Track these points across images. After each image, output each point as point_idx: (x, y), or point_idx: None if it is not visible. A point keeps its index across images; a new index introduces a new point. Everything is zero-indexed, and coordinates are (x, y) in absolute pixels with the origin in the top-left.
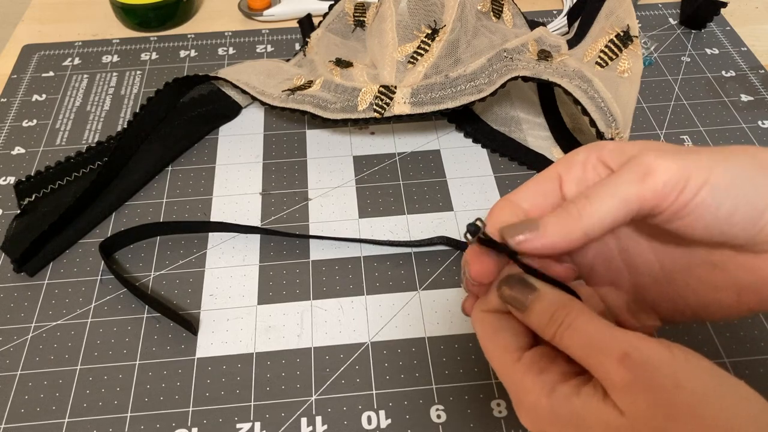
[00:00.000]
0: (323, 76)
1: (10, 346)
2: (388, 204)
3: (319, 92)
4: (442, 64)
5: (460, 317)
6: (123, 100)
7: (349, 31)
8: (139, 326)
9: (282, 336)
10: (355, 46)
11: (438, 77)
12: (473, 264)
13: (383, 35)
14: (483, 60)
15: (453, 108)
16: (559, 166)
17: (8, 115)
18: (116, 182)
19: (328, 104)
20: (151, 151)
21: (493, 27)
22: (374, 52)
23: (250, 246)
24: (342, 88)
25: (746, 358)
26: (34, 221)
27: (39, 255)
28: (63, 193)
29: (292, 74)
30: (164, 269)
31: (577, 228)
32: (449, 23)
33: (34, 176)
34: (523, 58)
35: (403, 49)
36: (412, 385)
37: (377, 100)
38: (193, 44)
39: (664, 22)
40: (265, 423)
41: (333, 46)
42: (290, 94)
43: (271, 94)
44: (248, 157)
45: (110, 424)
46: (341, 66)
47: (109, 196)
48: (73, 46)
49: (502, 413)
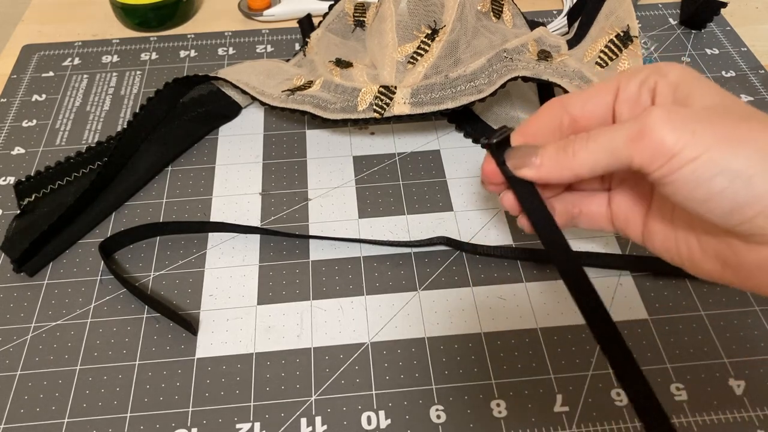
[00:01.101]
0: (323, 77)
1: (9, 347)
2: (388, 204)
3: (318, 92)
4: (441, 64)
5: (460, 317)
6: (123, 100)
7: (349, 31)
8: (138, 326)
9: (282, 336)
10: (355, 47)
11: (438, 77)
12: (485, 164)
13: (383, 35)
14: (483, 60)
15: (453, 108)
16: (622, 78)
17: (8, 115)
18: (116, 183)
19: (328, 104)
20: (150, 151)
21: (493, 27)
22: (374, 53)
23: (250, 246)
24: (342, 88)
25: (746, 358)
26: (34, 221)
27: (39, 255)
28: (63, 194)
29: (291, 74)
30: (164, 269)
31: (569, 167)
32: (449, 23)
33: (34, 176)
34: (523, 59)
35: (403, 50)
36: (412, 386)
37: (377, 101)
38: (193, 44)
39: (664, 22)
40: (265, 423)
41: (333, 47)
42: (290, 94)
43: (271, 94)
44: (248, 157)
45: (110, 424)
46: (341, 66)
47: (108, 197)
48: (73, 47)
49: (502, 413)
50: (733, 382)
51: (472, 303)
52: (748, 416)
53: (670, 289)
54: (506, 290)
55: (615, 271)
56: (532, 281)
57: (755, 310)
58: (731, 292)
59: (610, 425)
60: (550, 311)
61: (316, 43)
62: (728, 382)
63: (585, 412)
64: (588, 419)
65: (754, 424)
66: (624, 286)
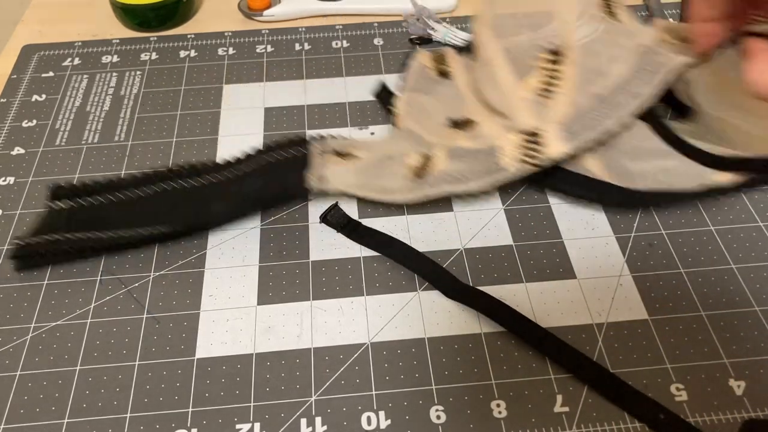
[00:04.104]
0: (445, 145)
1: (9, 347)
2: (388, 204)
3: (449, 166)
4: (584, 84)
5: (460, 317)
6: (123, 100)
7: (434, 84)
8: (138, 326)
9: (282, 336)
10: (451, 97)
11: (585, 100)
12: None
13: (496, 79)
14: (627, 63)
15: (614, 127)
16: None
17: (8, 116)
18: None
19: (465, 175)
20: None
21: (617, 29)
22: (495, 102)
23: (250, 246)
24: (475, 152)
25: (746, 358)
26: (54, 228)
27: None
28: (95, 212)
29: (394, 152)
30: (164, 269)
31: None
32: (570, 40)
33: (75, 185)
34: (664, 51)
35: (527, 85)
36: (412, 386)
37: (524, 150)
38: (193, 44)
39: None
40: (265, 423)
41: (429, 108)
42: (416, 179)
43: (393, 189)
44: None
45: (110, 424)
46: (461, 127)
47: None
48: (73, 47)
49: (502, 414)
50: (733, 382)
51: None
52: (748, 416)
53: (670, 289)
54: (506, 290)
55: (615, 271)
56: (532, 281)
57: (755, 310)
58: (731, 292)
59: (610, 425)
60: (550, 311)
61: (406, 110)
62: (728, 383)
63: (585, 412)
64: (588, 419)
65: None
66: (624, 286)
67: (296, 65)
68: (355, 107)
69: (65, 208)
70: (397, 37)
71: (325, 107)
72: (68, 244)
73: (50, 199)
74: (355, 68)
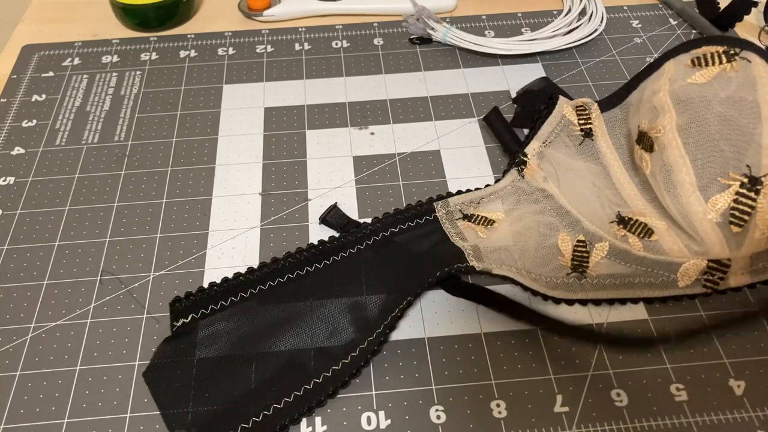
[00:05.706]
0: (606, 241)
1: (9, 347)
2: (388, 204)
3: (612, 268)
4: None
5: (460, 317)
6: (123, 100)
7: (575, 144)
8: (138, 326)
9: None
10: (598, 175)
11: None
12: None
13: (677, 189)
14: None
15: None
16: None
17: (8, 116)
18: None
19: (632, 282)
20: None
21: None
22: (672, 211)
23: (250, 246)
24: (649, 261)
25: (746, 359)
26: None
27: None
28: (221, 316)
29: (540, 223)
30: (164, 269)
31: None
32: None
33: (195, 294)
34: None
35: (713, 205)
36: (412, 386)
37: (707, 275)
38: (193, 44)
39: (665, 22)
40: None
41: (579, 184)
42: (573, 273)
43: (545, 280)
44: (248, 157)
45: (109, 424)
46: (632, 230)
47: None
48: (73, 46)
49: (502, 414)
50: (733, 382)
51: (472, 303)
52: (748, 416)
53: None
54: (506, 290)
55: None
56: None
57: (755, 310)
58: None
59: (610, 425)
60: (551, 311)
61: (538, 163)
62: (728, 383)
63: (585, 412)
64: (588, 419)
65: (754, 425)
66: None
67: (296, 65)
68: (355, 107)
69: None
70: (397, 37)
71: (325, 107)
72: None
73: (174, 317)
74: (355, 68)
